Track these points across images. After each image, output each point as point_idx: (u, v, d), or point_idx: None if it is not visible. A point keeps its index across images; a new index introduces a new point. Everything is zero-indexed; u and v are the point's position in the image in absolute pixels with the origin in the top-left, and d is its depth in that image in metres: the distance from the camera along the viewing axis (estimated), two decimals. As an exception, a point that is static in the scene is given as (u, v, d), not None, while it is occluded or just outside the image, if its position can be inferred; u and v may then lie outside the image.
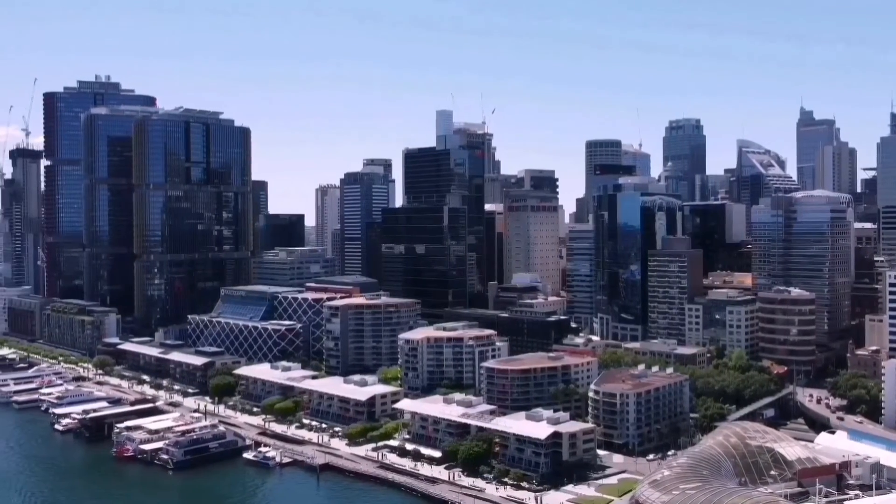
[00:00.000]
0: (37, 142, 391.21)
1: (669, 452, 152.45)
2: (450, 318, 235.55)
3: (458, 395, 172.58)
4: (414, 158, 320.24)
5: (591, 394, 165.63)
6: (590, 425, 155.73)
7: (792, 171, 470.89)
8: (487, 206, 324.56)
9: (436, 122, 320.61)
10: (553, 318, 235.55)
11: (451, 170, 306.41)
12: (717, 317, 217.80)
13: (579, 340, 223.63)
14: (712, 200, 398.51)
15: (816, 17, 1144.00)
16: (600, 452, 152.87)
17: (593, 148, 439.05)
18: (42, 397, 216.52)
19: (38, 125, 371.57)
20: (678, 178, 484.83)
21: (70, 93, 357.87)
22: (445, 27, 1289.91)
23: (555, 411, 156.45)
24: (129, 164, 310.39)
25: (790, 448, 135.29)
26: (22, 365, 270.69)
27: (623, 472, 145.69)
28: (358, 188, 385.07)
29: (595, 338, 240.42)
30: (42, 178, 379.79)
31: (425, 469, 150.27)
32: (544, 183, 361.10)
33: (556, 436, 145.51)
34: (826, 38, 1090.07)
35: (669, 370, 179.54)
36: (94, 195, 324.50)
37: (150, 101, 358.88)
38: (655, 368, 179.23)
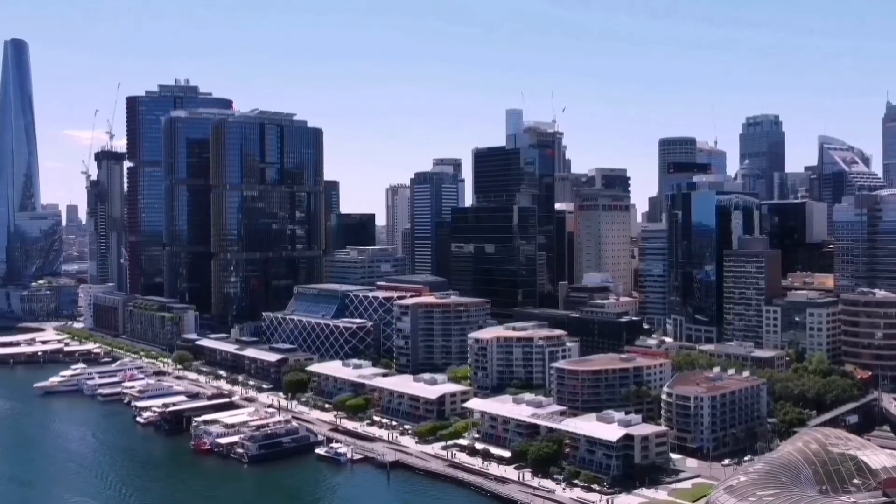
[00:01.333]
0: (120, 144, 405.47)
1: (745, 458, 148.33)
2: (519, 318, 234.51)
3: (527, 396, 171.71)
4: (483, 158, 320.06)
5: (663, 396, 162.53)
6: (662, 428, 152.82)
7: (877, 168, 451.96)
8: (558, 206, 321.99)
9: (505, 121, 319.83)
10: (625, 319, 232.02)
11: (521, 169, 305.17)
12: (796, 319, 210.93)
13: (652, 342, 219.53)
14: (792, 199, 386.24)
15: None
16: (673, 456, 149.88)
17: (667, 146, 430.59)
18: (125, 390, 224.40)
19: (122, 128, 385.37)
20: (756, 176, 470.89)
21: (151, 96, 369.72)
22: (516, 27, 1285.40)
23: (626, 413, 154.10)
24: (207, 166, 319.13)
25: (875, 456, 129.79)
26: (106, 359, 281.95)
27: (697, 476, 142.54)
28: (428, 188, 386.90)
29: (668, 339, 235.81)
30: (125, 179, 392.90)
31: (494, 469, 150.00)
32: (616, 182, 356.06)
33: (627, 438, 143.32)
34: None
35: (746, 373, 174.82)
36: (173, 195, 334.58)
37: (227, 103, 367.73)
38: (731, 371, 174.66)
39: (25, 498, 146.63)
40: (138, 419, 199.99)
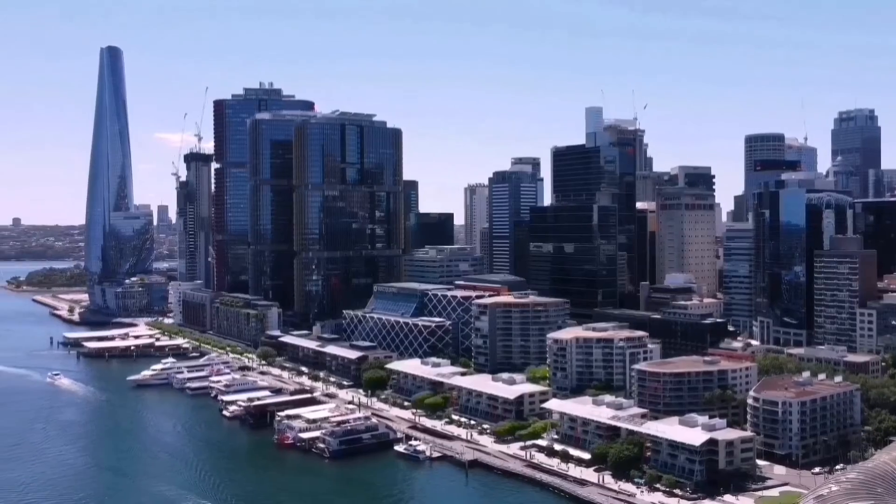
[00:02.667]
0: (208, 146, 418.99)
1: (837, 466, 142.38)
2: (599, 319, 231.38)
3: (607, 397, 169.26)
4: (563, 156, 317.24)
5: (749, 401, 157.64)
6: (748, 433, 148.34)
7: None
8: (639, 205, 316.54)
9: (585, 119, 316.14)
10: (709, 321, 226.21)
11: (601, 167, 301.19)
12: (893, 322, 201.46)
13: (737, 344, 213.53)
14: (888, 197, 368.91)
15: None
16: (759, 462, 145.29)
17: (753, 143, 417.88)
18: (211, 385, 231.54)
19: (209, 131, 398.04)
20: (849, 174, 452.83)
21: (237, 100, 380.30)
22: (597, 28, 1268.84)
23: (710, 417, 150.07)
24: (289, 166, 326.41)
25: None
26: (194, 354, 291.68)
27: (785, 484, 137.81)
28: (506, 187, 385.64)
29: (754, 342, 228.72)
30: (212, 180, 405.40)
31: (573, 470, 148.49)
32: (699, 180, 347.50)
33: (711, 443, 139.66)
34: None
35: (838, 378, 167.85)
36: (258, 196, 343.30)
37: (309, 105, 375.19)
38: (822, 376, 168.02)
39: (119, 486, 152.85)
40: (224, 413, 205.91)
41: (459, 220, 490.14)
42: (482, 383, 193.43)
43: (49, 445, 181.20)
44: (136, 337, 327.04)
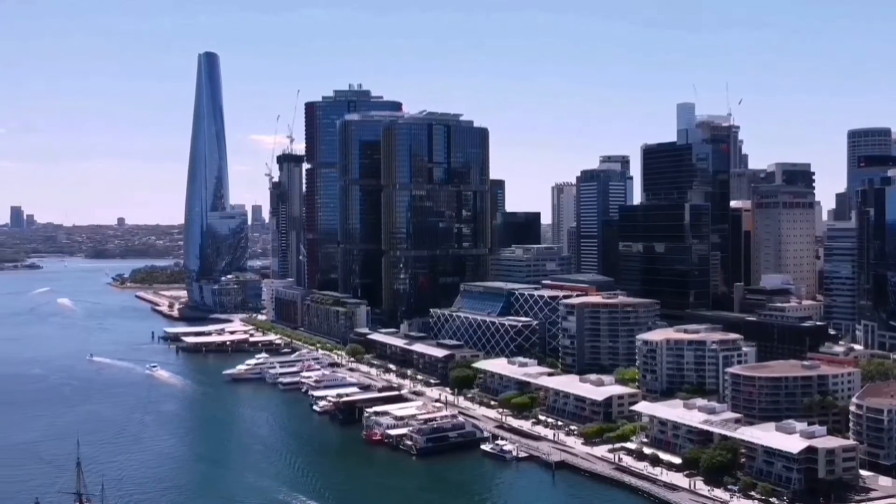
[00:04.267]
0: (300, 147, 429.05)
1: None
2: (691, 320, 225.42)
3: (699, 401, 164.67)
4: (653, 154, 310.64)
5: (852, 408, 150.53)
6: (850, 442, 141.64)
7: None
8: (733, 203, 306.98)
9: (677, 115, 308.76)
10: (808, 324, 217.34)
11: (693, 165, 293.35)
12: None
13: (839, 349, 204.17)
14: None
15: None
16: (863, 473, 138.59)
17: (857, 138, 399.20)
18: (302, 380, 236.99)
19: (301, 132, 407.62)
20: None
21: (327, 101, 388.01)
22: (688, 20, 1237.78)
23: (809, 424, 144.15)
24: (378, 166, 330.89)
25: None
26: (286, 350, 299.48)
27: (891, 496, 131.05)
28: (594, 185, 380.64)
29: (857, 347, 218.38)
30: (304, 181, 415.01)
31: (663, 475, 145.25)
32: (798, 177, 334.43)
33: (810, 451, 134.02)
34: None
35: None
36: (347, 195, 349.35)
37: (397, 106, 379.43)
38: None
39: (215, 476, 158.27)
40: (315, 408, 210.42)
41: (546, 219, 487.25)
42: (570, 384, 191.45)
43: (149, 435, 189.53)
44: (232, 332, 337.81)
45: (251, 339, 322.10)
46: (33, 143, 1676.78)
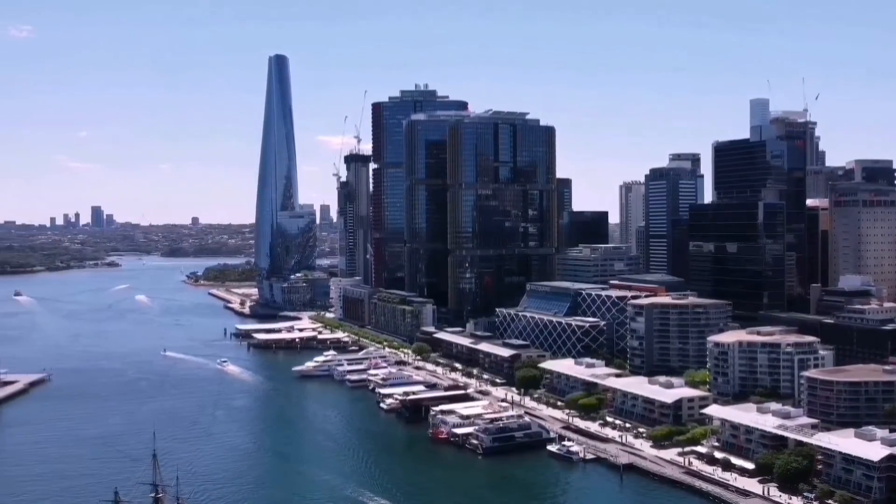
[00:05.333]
0: (366, 148, 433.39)
1: None
2: (764, 322, 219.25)
3: (773, 405, 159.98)
4: (725, 151, 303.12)
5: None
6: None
7: None
8: (809, 202, 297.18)
9: (750, 111, 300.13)
10: (890, 327, 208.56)
11: (767, 162, 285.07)
12: None
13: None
14: None
15: None
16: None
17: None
18: (369, 378, 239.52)
19: (368, 132, 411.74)
20: None
21: (394, 102, 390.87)
22: (760, 12, 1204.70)
23: (890, 431, 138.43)
24: (443, 166, 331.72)
25: None
26: (353, 348, 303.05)
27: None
28: (664, 184, 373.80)
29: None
30: (370, 180, 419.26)
31: (736, 480, 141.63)
32: (879, 174, 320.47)
33: (892, 458, 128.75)
34: None
35: None
36: (413, 195, 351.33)
37: (463, 105, 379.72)
38: None
39: (284, 470, 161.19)
40: (381, 405, 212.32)
41: (614, 218, 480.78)
42: (638, 386, 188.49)
43: (220, 428, 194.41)
44: (301, 330, 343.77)
45: (319, 337, 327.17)
46: (112, 146, 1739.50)
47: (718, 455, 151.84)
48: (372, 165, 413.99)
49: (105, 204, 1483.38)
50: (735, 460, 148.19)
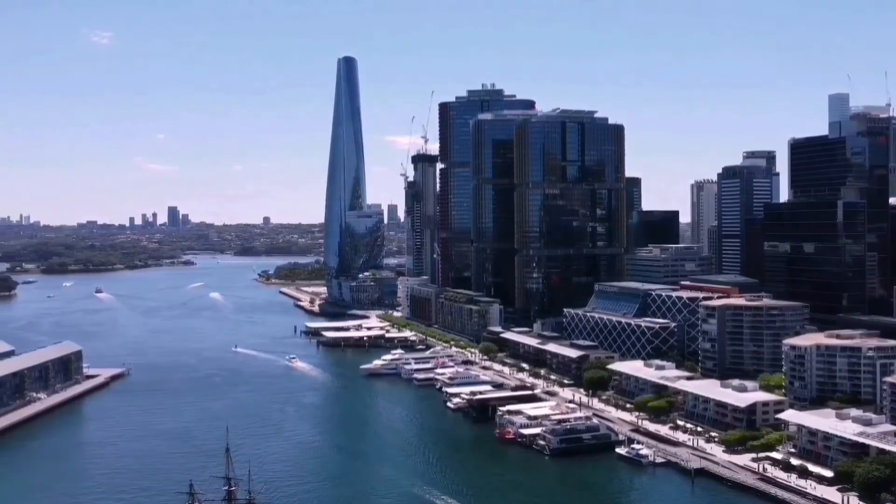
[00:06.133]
0: (433, 147, 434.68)
1: None
2: (844, 325, 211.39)
3: (854, 411, 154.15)
4: (802, 149, 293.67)
5: None
6: None
7: None
8: (893, 200, 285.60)
9: (828, 107, 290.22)
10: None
11: (847, 160, 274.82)
12: None
13: None
14: None
15: None
16: None
17: None
18: (436, 377, 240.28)
19: (435, 132, 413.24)
20: None
21: (460, 102, 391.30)
22: (839, 4, 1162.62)
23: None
24: (510, 165, 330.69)
25: None
26: (421, 346, 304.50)
27: None
28: (737, 183, 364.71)
29: None
30: (437, 180, 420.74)
31: (814, 488, 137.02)
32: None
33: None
34: None
35: None
36: (480, 194, 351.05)
37: (530, 104, 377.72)
38: None
39: (353, 467, 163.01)
40: (448, 405, 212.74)
41: (685, 217, 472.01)
42: (710, 389, 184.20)
43: (290, 424, 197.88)
44: (369, 328, 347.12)
45: (387, 336, 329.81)
46: (188, 148, 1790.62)
47: (795, 462, 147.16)
48: (439, 165, 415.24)
49: (181, 204, 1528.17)
50: (812, 468, 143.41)
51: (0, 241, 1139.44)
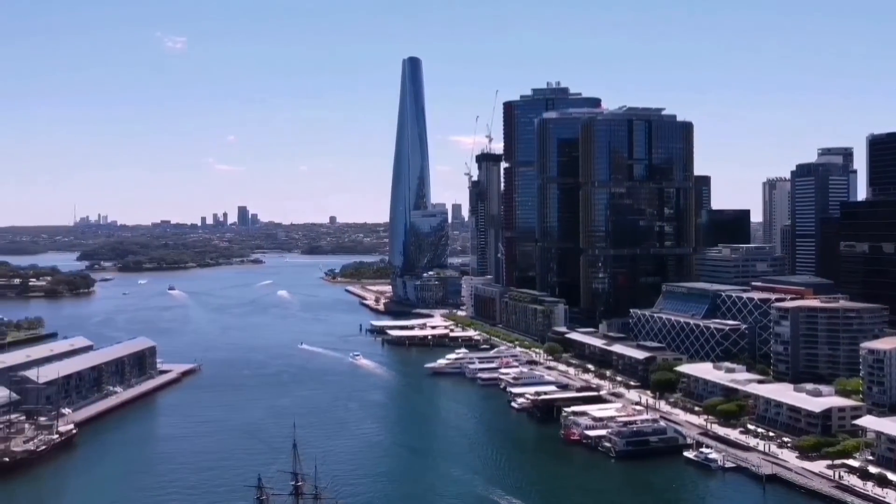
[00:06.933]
0: (498, 147, 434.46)
1: None
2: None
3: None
4: (881, 145, 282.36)
5: None
6: None
7: None
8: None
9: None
10: None
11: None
12: None
13: None
14: None
15: None
16: None
17: None
18: (501, 376, 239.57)
19: (499, 131, 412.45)
20: None
21: (525, 100, 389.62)
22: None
23: None
24: (575, 164, 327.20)
25: None
26: (485, 346, 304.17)
27: None
28: (811, 180, 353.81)
29: None
30: (502, 180, 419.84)
31: (893, 497, 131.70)
32: None
33: None
34: None
35: None
36: (545, 194, 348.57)
37: (596, 102, 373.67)
38: None
39: (417, 465, 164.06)
40: (513, 404, 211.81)
41: (757, 216, 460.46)
42: (783, 393, 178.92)
43: (355, 421, 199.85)
44: (433, 327, 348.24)
45: (451, 335, 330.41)
46: (256, 149, 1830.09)
47: (873, 470, 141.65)
48: (503, 164, 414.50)
49: (250, 204, 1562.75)
50: (892, 476, 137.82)
51: (80, 240, 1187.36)
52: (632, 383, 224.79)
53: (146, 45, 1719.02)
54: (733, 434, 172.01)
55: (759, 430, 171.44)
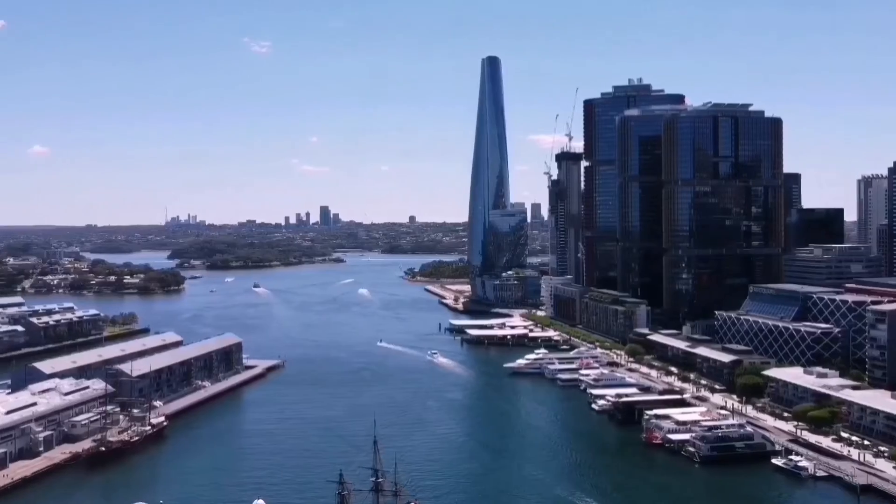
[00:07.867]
0: (578, 145, 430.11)
1: None
2: None
3: None
4: None
5: None
6: None
7: None
8: None
9: None
10: None
11: None
12: None
13: None
14: None
15: None
16: None
17: None
18: (581, 377, 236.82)
19: (579, 130, 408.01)
20: None
21: (606, 98, 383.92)
22: None
23: None
24: (658, 162, 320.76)
25: None
26: (564, 346, 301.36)
27: None
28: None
29: None
30: (582, 178, 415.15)
31: None
32: None
33: None
34: None
35: None
36: (626, 192, 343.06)
37: (679, 99, 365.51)
38: None
39: (496, 464, 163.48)
40: (593, 406, 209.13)
41: (851, 215, 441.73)
42: (880, 400, 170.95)
43: (434, 419, 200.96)
44: (512, 327, 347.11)
45: (530, 335, 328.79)
46: (338, 150, 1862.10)
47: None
48: (583, 163, 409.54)
49: (332, 204, 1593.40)
50: None
51: (171, 239, 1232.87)
52: (717, 387, 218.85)
53: (234, 50, 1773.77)
54: (825, 442, 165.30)
55: (854, 438, 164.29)
